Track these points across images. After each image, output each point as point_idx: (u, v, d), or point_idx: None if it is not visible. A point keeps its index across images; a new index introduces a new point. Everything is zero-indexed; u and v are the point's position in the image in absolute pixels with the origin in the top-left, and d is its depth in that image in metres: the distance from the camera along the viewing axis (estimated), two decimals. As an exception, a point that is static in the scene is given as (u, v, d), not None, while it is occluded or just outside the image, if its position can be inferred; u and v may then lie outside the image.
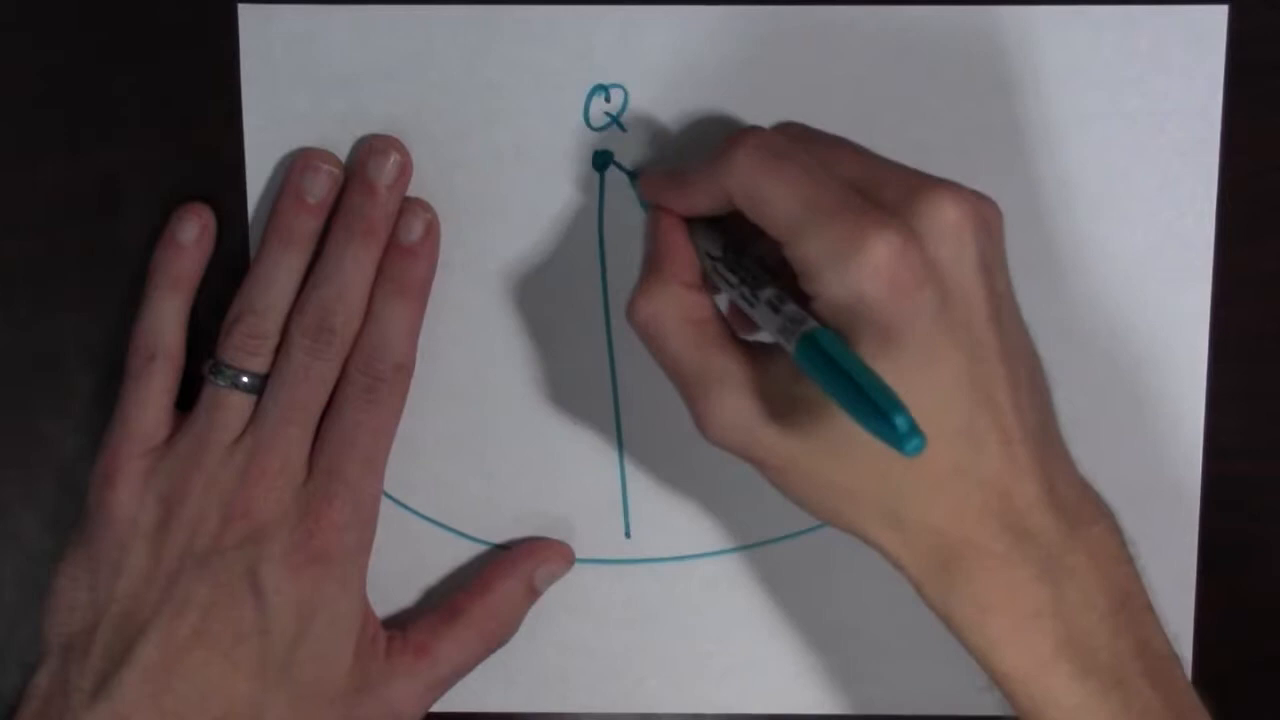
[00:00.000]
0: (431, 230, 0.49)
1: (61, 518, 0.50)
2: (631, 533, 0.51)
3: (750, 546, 0.51)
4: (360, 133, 0.49)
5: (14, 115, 0.49)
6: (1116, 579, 0.42)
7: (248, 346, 0.47)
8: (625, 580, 0.51)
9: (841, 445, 0.40)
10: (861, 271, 0.38)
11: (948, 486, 0.39)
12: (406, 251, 0.48)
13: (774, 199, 0.40)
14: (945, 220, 0.39)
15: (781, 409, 0.41)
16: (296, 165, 0.48)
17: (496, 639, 0.49)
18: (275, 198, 0.48)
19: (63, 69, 0.49)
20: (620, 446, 0.50)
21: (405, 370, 0.48)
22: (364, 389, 0.47)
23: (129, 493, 0.47)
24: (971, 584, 0.41)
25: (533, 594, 0.50)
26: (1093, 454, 0.50)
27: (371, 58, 0.49)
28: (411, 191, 0.49)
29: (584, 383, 0.50)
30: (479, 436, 0.50)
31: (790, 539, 0.51)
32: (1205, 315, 0.50)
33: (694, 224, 0.45)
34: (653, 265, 0.44)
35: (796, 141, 0.42)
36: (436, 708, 0.50)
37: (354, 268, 0.47)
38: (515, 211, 0.49)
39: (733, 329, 0.43)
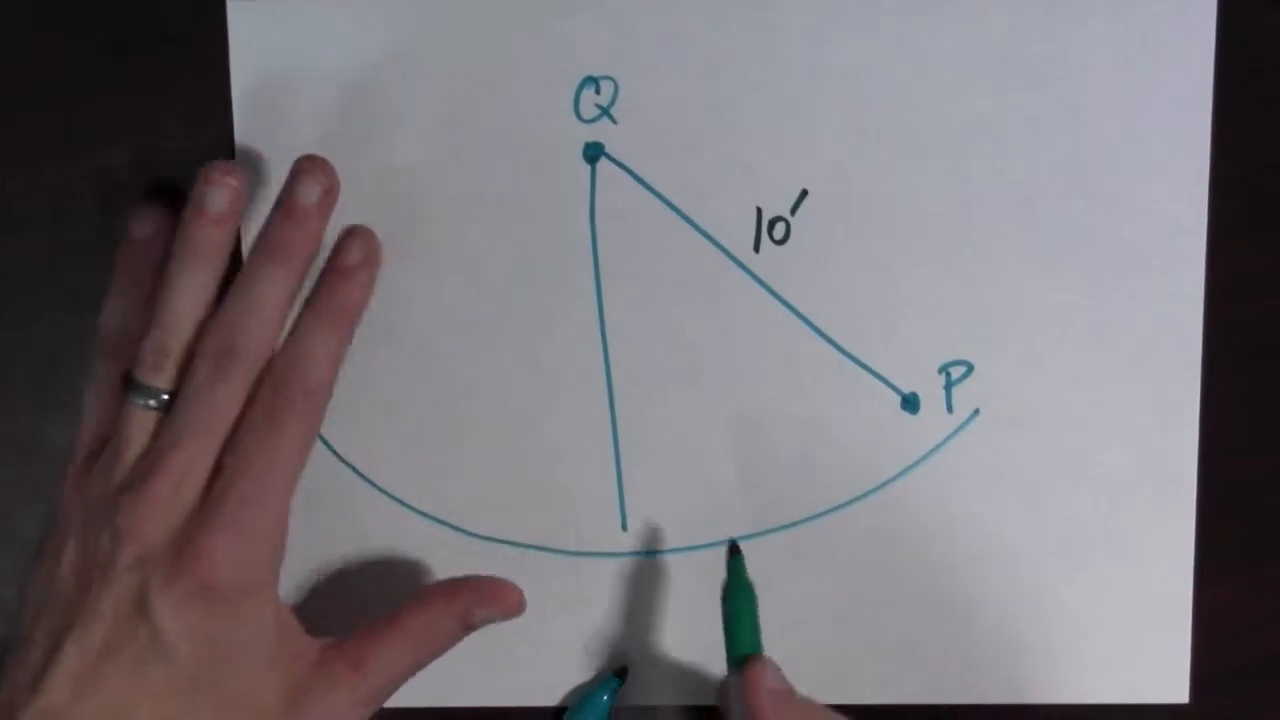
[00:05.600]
0: (370, 259, 0.48)
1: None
2: (628, 525, 0.51)
3: (746, 538, 0.50)
4: (350, 128, 0.49)
5: (14, 115, 0.50)
6: None
7: (150, 361, 0.46)
8: (622, 573, 0.51)
9: None
10: None
11: None
12: (339, 273, 0.48)
13: None
14: None
15: None
16: (199, 178, 0.47)
17: (429, 654, 0.48)
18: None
19: (62, 69, 0.50)
20: (615, 439, 0.50)
21: (317, 397, 0.46)
22: (266, 412, 0.46)
23: (71, 494, 0.47)
24: None
25: (467, 628, 0.48)
26: (1091, 451, 0.50)
27: (359, 52, 0.49)
28: (402, 187, 0.49)
29: (578, 376, 0.50)
30: (473, 431, 0.50)
31: (786, 530, 0.50)
32: (1200, 301, 0.50)
33: None
34: None
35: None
36: (431, 702, 0.50)
37: (266, 289, 0.46)
38: (506, 205, 0.49)
39: None
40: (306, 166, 0.47)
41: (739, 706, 0.45)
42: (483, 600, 0.48)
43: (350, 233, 0.48)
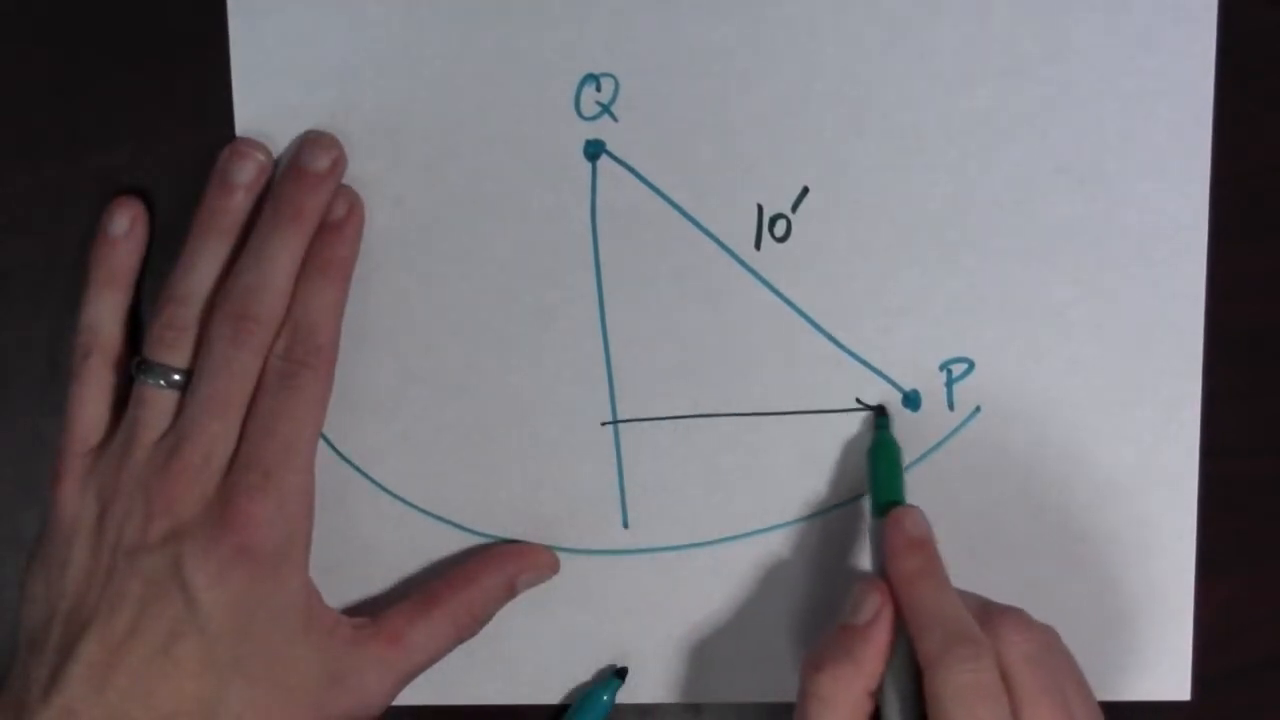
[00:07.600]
0: (355, 212, 0.49)
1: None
2: (629, 523, 0.51)
3: (748, 535, 0.50)
4: (351, 125, 0.49)
5: (13, 115, 0.50)
6: None
7: (166, 338, 0.47)
8: (624, 571, 0.51)
9: None
10: None
11: None
12: (328, 228, 0.48)
13: None
14: None
15: None
16: (224, 153, 0.48)
17: (469, 631, 0.49)
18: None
19: (63, 69, 0.50)
20: (617, 437, 0.50)
21: (326, 353, 0.47)
22: (282, 375, 0.47)
23: (72, 491, 0.47)
24: None
25: (511, 594, 0.50)
26: (1092, 449, 0.50)
27: (361, 49, 0.49)
28: (402, 184, 0.49)
29: (579, 373, 0.50)
30: (475, 429, 0.50)
31: (787, 527, 0.50)
32: (1200, 301, 0.50)
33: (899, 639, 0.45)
34: (858, 654, 0.44)
35: None
36: (434, 700, 0.50)
37: (278, 253, 0.47)
38: (507, 203, 0.49)
39: None
40: (314, 138, 0.48)
41: (878, 552, 0.46)
42: (526, 566, 0.50)
43: (336, 192, 0.49)
